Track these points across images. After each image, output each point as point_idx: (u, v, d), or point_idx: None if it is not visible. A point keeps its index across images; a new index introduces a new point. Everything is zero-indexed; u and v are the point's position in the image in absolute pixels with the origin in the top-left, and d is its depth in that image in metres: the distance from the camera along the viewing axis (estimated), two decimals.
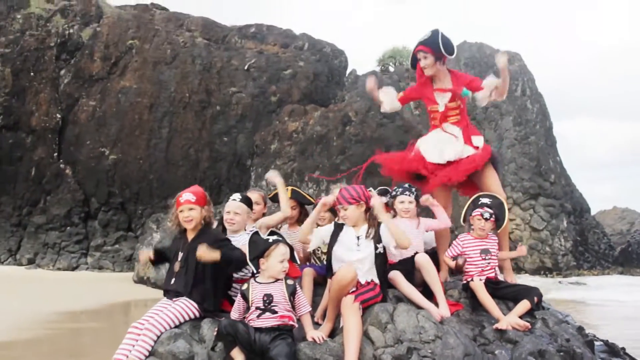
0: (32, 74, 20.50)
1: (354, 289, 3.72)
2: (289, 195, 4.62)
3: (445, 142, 4.81)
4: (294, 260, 3.76)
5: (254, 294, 3.55)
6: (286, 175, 18.17)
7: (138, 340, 3.44)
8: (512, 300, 4.23)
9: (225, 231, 4.20)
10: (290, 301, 3.56)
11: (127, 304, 11.64)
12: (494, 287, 4.26)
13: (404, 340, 3.54)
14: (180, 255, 3.81)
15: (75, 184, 19.97)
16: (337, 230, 4.00)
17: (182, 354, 3.36)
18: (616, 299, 13.85)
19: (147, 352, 3.41)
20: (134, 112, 20.82)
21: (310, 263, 4.60)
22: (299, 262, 3.89)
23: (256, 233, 3.80)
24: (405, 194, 4.67)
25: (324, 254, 4.25)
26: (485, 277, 4.28)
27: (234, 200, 4.21)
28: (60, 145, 20.49)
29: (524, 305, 4.07)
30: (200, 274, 3.71)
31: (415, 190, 4.76)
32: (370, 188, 4.96)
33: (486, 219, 4.41)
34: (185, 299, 3.69)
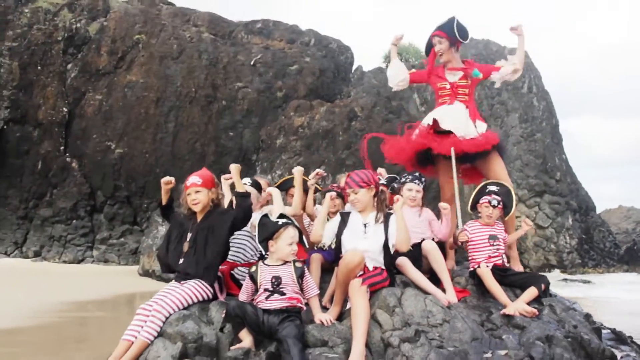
0: (40, 67, 20.55)
1: (361, 273, 3.72)
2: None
3: (453, 114, 4.84)
4: (302, 243, 3.77)
5: (262, 276, 3.56)
6: (292, 169, 18.18)
7: (147, 321, 3.46)
8: (520, 287, 4.22)
9: None
10: (299, 284, 3.57)
11: (133, 295, 11.67)
12: (501, 275, 4.26)
13: (412, 324, 3.54)
14: (189, 235, 3.82)
15: (81, 178, 20.04)
16: (345, 219, 4.01)
17: (191, 335, 3.36)
18: (621, 297, 13.77)
19: (156, 333, 3.42)
20: (140, 107, 20.85)
21: (317, 248, 4.61)
22: (307, 246, 3.90)
23: (265, 215, 3.81)
24: (415, 182, 4.67)
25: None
26: (493, 264, 4.28)
27: (245, 184, 4.24)
28: (67, 139, 20.55)
29: (531, 292, 4.07)
30: (209, 254, 3.72)
31: (424, 180, 4.77)
32: (379, 169, 4.98)
33: (494, 207, 4.42)
34: (194, 281, 3.70)
